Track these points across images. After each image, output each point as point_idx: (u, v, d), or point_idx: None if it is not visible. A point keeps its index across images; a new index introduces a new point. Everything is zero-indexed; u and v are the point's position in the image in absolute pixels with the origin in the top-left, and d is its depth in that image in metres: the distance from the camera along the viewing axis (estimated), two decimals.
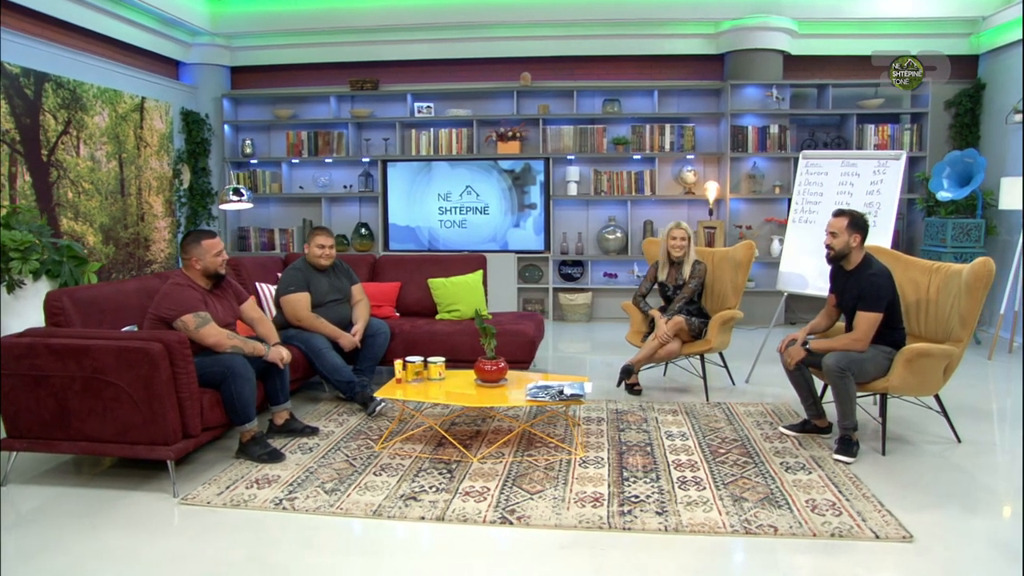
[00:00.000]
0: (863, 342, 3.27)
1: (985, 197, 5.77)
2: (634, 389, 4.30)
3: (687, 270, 4.29)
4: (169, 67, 6.76)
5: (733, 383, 4.60)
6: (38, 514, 2.75)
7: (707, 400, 4.19)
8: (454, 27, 6.69)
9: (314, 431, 3.55)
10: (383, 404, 3.86)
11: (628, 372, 4.18)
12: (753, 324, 6.39)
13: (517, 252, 6.74)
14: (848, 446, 3.26)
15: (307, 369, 3.98)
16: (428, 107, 6.83)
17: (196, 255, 3.27)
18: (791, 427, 3.63)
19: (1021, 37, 5.50)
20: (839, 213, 3.40)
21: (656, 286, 4.46)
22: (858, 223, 3.36)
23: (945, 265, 3.61)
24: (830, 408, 3.52)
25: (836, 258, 3.41)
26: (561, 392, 3.26)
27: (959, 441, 3.50)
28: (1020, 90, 5.62)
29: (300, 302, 4.02)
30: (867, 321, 3.26)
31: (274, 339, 3.52)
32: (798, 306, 6.55)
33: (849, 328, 3.38)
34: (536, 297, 6.96)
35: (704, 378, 4.32)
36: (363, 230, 6.96)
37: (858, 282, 3.33)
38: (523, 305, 6.94)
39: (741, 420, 3.82)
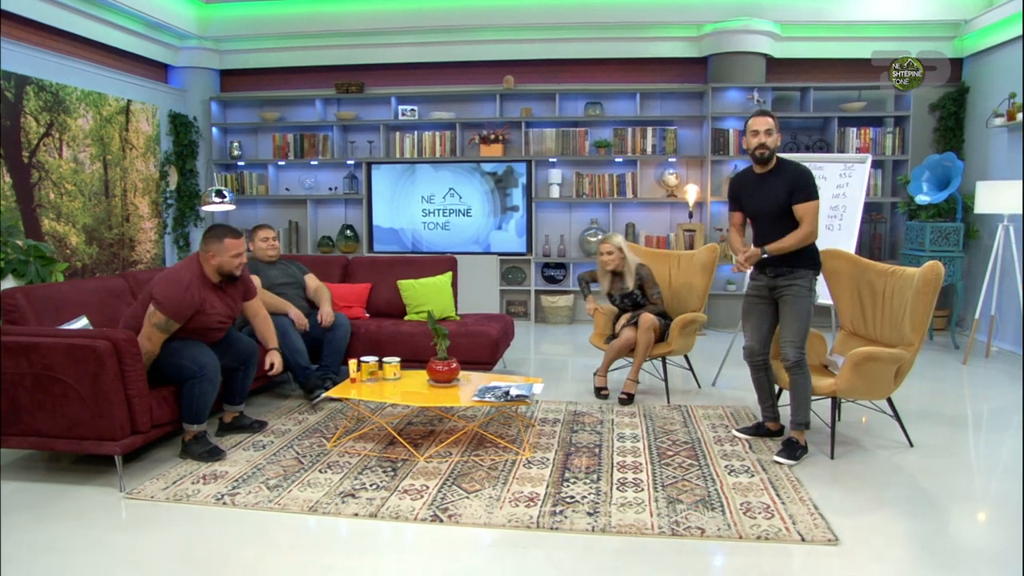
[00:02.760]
0: (815, 232, 3.25)
1: (966, 201, 5.73)
2: (600, 393, 4.29)
3: (630, 281, 4.28)
4: (158, 70, 6.89)
5: (699, 386, 4.61)
6: None
7: (668, 403, 4.21)
8: (438, 31, 6.76)
9: (262, 425, 3.63)
10: (323, 396, 3.99)
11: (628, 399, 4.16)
12: (732, 328, 6.37)
13: (499, 254, 6.79)
14: (792, 449, 3.26)
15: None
16: (412, 110, 6.90)
17: (215, 251, 3.22)
18: (744, 430, 3.64)
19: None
20: (763, 112, 3.30)
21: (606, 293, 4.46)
22: (777, 121, 3.29)
23: (900, 269, 3.61)
24: (785, 412, 3.54)
25: (768, 159, 3.28)
26: (507, 393, 3.30)
27: (911, 445, 3.50)
28: (1002, 94, 5.58)
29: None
30: (812, 211, 3.21)
31: (272, 343, 3.60)
32: None
33: (764, 238, 3.33)
34: (519, 299, 7.00)
35: (665, 380, 4.34)
36: (348, 232, 7.04)
37: (784, 179, 3.26)
38: (506, 307, 6.99)
39: (697, 423, 3.84)
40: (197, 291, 3.17)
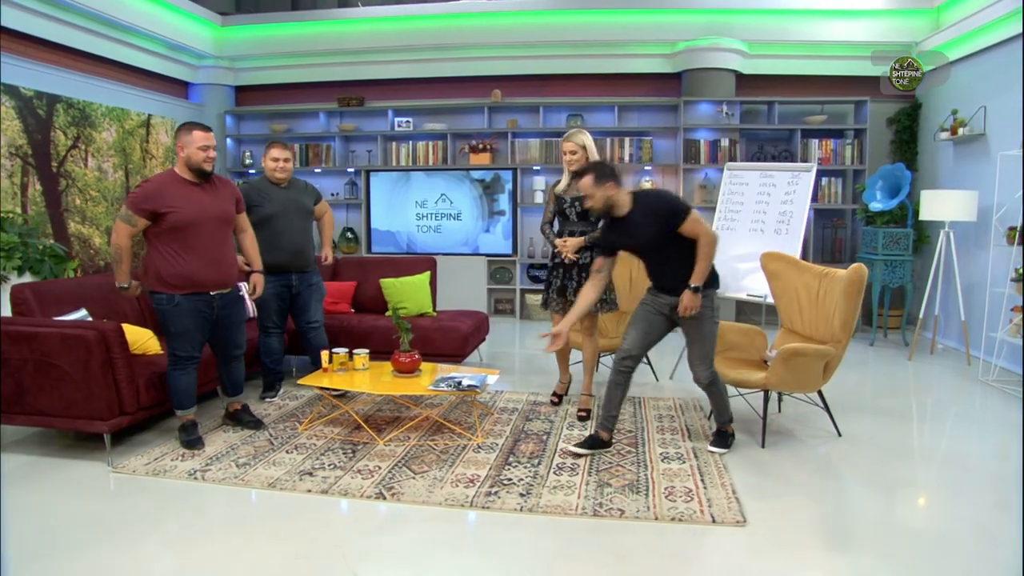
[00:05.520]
0: (712, 236, 3.01)
1: (916, 208, 5.65)
2: (552, 400, 3.96)
3: None
4: (178, 87, 7.02)
5: (657, 379, 4.61)
6: None
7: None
8: (431, 48, 6.82)
9: (258, 424, 3.52)
10: (278, 395, 4.07)
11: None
12: None
13: (487, 255, 6.83)
14: (723, 438, 3.28)
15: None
16: (407, 122, 6.97)
17: (183, 143, 3.02)
18: (582, 444, 3.19)
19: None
20: (577, 175, 3.01)
21: (555, 205, 3.83)
22: (601, 172, 2.99)
23: (832, 271, 3.60)
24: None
25: (605, 214, 3.08)
26: (459, 383, 3.35)
27: (839, 435, 3.48)
28: (948, 110, 5.51)
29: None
30: (695, 223, 2.96)
31: (256, 265, 3.41)
32: (750, 308, 6.50)
33: (660, 272, 3.15)
34: (506, 297, 7.04)
35: None
36: (349, 234, 7.13)
37: (648, 213, 3.00)
38: (494, 305, 7.03)
39: (646, 413, 3.85)
40: (161, 186, 3.01)
